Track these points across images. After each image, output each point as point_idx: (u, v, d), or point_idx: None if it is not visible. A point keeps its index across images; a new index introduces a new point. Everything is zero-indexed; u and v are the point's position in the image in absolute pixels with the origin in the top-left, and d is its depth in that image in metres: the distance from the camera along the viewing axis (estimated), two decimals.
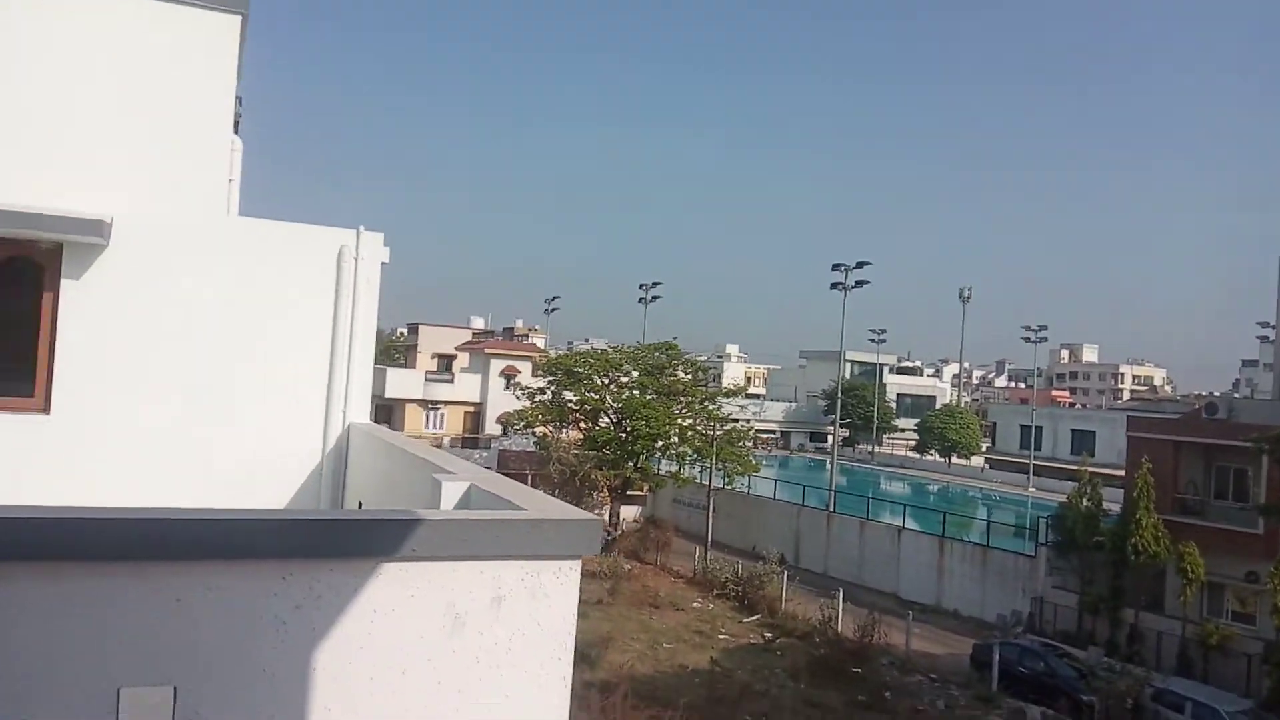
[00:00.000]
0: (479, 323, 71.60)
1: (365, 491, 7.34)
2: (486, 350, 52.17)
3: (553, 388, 44.04)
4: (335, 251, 8.20)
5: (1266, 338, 51.75)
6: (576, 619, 3.47)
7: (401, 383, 49.77)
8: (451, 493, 4.46)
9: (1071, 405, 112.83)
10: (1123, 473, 34.07)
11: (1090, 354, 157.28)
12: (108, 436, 7.31)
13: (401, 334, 75.69)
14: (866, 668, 27.66)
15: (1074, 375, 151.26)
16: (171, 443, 7.53)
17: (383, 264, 8.47)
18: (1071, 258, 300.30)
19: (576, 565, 3.44)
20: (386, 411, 50.70)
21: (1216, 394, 75.06)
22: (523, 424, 43.71)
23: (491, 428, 49.34)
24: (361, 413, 8.34)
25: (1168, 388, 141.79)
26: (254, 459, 7.80)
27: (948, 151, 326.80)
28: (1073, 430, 73.97)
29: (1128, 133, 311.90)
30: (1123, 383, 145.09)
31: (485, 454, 48.87)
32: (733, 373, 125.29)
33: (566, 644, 3.46)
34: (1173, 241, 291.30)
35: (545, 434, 44.12)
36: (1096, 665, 27.13)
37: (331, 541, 3.08)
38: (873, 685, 26.47)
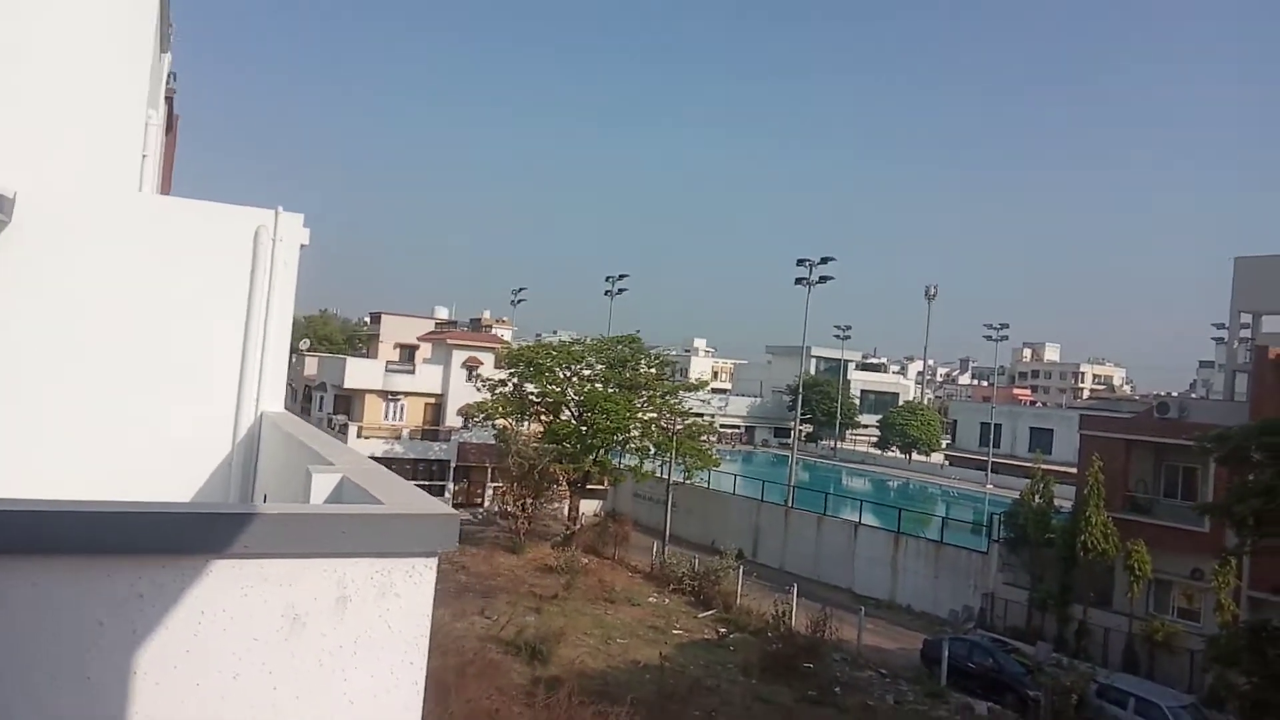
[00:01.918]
0: (443, 313, 70.88)
1: (272, 484, 7.09)
2: (449, 341, 51.58)
3: (514, 380, 43.69)
4: (252, 233, 7.91)
5: (1221, 339, 52.68)
6: (430, 619, 3.28)
7: (361, 373, 49.08)
8: (322, 485, 4.26)
9: (1032, 403, 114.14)
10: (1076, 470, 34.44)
11: (1052, 353, 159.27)
12: (5, 423, 7.01)
13: (364, 323, 74.87)
14: (818, 663, 27.74)
15: (1035, 374, 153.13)
16: (74, 431, 7.24)
17: (302, 246, 8.20)
18: (1037, 257, 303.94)
19: (432, 563, 3.24)
20: (346, 402, 50.07)
21: (1174, 394, 76.28)
22: (483, 416, 43.30)
23: (453, 420, 48.81)
24: (275, 401, 8.06)
25: (1126, 387, 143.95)
26: (160, 449, 7.51)
27: (918, 150, 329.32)
28: (1031, 428, 74.89)
29: (1094, 132, 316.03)
30: (1083, 382, 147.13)
31: (445, 446, 48.48)
32: (700, 367, 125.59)
33: (419, 645, 3.26)
34: (1139, 242, 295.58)
35: (505, 427, 43.75)
36: (1044, 661, 27.37)
37: (158, 536, 2.85)
38: (823, 681, 26.55)
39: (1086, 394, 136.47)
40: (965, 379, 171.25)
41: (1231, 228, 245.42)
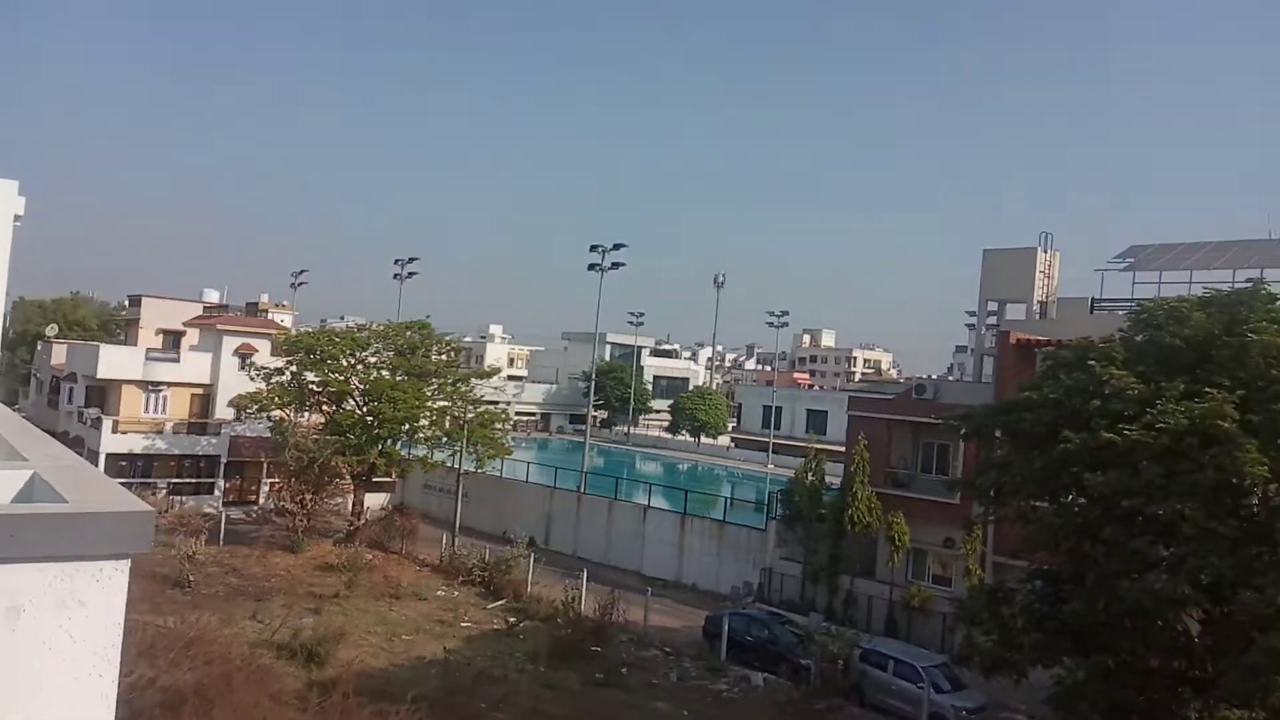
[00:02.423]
0: (214, 296, 66.03)
1: None
2: (219, 326, 48.15)
3: (293, 368, 41.44)
4: None
5: (972, 325, 57.86)
6: (122, 627, 2.97)
7: (117, 361, 44.88)
8: (8, 484, 3.79)
9: (810, 387, 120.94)
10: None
11: (828, 338, 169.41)
12: None
13: (124, 307, 68.67)
14: (606, 646, 28.16)
15: (814, 359, 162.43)
16: None
17: (17, 218, 7.34)
18: (814, 247, 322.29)
19: (124, 566, 2.92)
20: (100, 393, 45.74)
21: (933, 376, 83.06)
22: (257, 408, 40.78)
23: (224, 412, 45.68)
24: None
25: (893, 371, 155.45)
26: None
27: (709, 141, 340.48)
28: (808, 410, 79.44)
29: (863, 129, 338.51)
30: (855, 366, 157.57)
31: (215, 440, 45.35)
32: (496, 353, 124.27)
33: (109, 658, 2.94)
34: (911, 233, 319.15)
35: (283, 418, 41.44)
36: (815, 630, 29.06)
37: None
38: (610, 663, 26.98)
39: (858, 377, 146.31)
40: (751, 364, 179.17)
41: (991, 222, 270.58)
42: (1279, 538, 15.40)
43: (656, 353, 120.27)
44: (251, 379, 41.85)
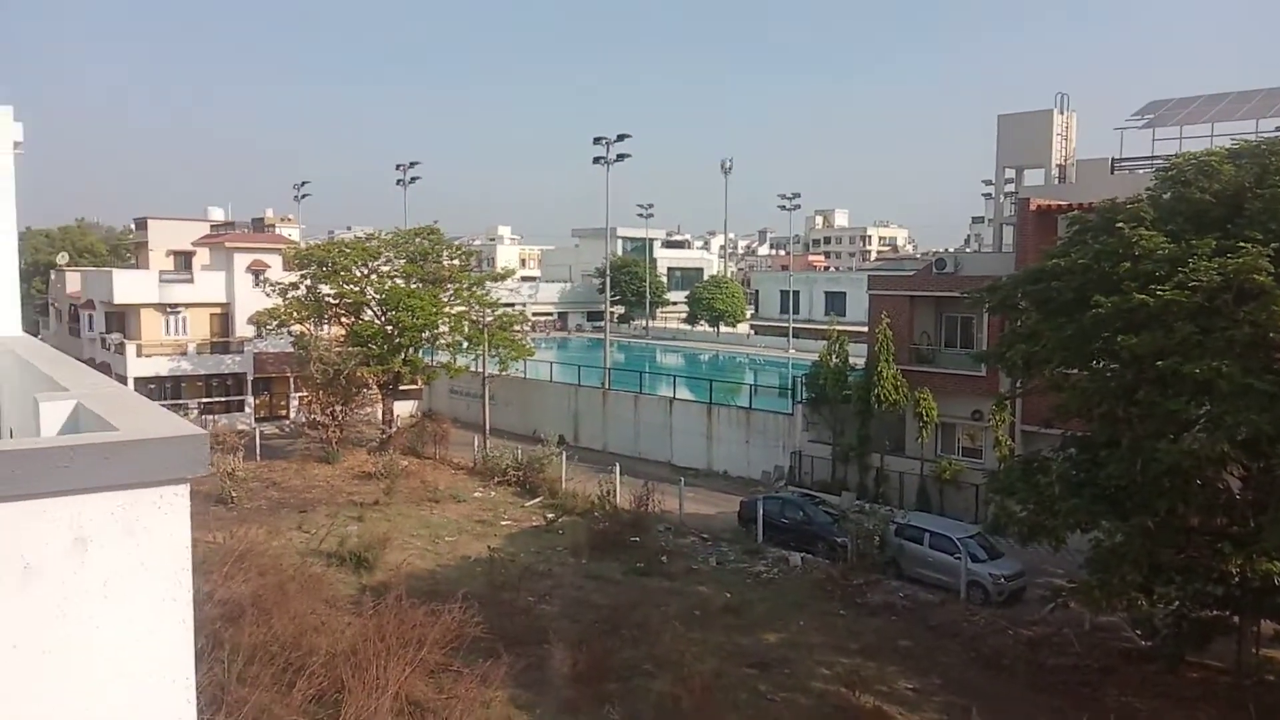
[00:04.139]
0: (218, 214, 65.37)
1: (16, 417, 6.24)
2: (228, 244, 47.76)
3: (307, 282, 41.36)
4: None
5: (990, 195, 56.67)
6: (190, 550, 2.90)
7: (131, 286, 44.81)
8: (53, 415, 3.68)
9: (826, 269, 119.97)
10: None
11: (842, 218, 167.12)
12: None
13: (130, 230, 68.34)
14: (644, 536, 28.69)
15: (828, 240, 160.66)
16: None
17: (16, 144, 7.07)
18: (822, 123, 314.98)
19: (183, 490, 2.83)
20: (120, 319, 45.91)
21: (951, 249, 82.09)
22: (276, 323, 40.88)
23: (244, 330, 45.78)
24: (9, 323, 7.04)
25: (909, 247, 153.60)
26: None
27: (699, 26, 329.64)
28: (826, 293, 78.91)
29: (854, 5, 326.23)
30: (870, 244, 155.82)
31: (239, 359, 45.67)
32: (506, 255, 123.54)
33: (181, 581, 2.87)
34: (916, 103, 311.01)
35: (304, 332, 41.58)
36: (849, 509, 29.48)
37: None
38: (650, 552, 27.53)
39: (874, 256, 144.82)
40: (765, 250, 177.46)
41: (1005, 86, 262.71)
42: None
43: (669, 244, 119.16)
44: (267, 295, 41.84)
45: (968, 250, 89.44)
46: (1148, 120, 35.22)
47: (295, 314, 40.73)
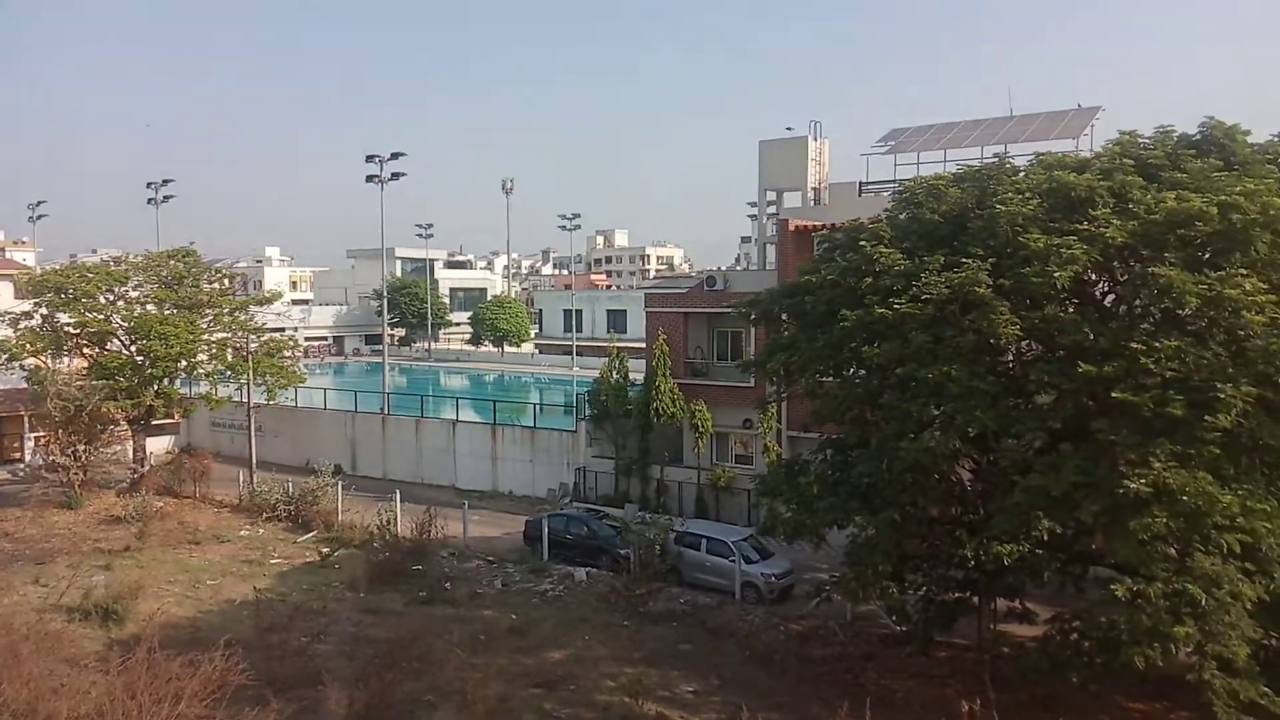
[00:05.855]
0: None
1: None
2: None
3: (42, 310, 37.53)
4: None
5: (754, 216, 59.89)
6: None
7: None
8: None
9: (608, 287, 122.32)
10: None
11: (621, 238, 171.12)
12: None
13: None
14: (426, 564, 28.01)
15: (609, 260, 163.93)
16: None
17: None
18: (600, 148, 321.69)
19: None
20: None
21: (722, 268, 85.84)
22: (6, 356, 36.78)
23: None
24: None
25: (685, 265, 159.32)
26: None
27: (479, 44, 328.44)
28: (608, 310, 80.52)
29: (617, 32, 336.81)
30: (649, 263, 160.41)
31: None
32: (276, 277, 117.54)
33: None
34: (691, 131, 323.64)
35: (39, 365, 37.64)
36: (632, 521, 30.04)
37: None
38: (433, 579, 26.91)
39: (653, 274, 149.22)
40: (548, 270, 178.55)
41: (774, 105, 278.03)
42: (1031, 389, 17.10)
43: (451, 264, 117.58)
44: None
45: (737, 268, 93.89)
46: (890, 147, 38.41)
47: (29, 345, 36.86)
